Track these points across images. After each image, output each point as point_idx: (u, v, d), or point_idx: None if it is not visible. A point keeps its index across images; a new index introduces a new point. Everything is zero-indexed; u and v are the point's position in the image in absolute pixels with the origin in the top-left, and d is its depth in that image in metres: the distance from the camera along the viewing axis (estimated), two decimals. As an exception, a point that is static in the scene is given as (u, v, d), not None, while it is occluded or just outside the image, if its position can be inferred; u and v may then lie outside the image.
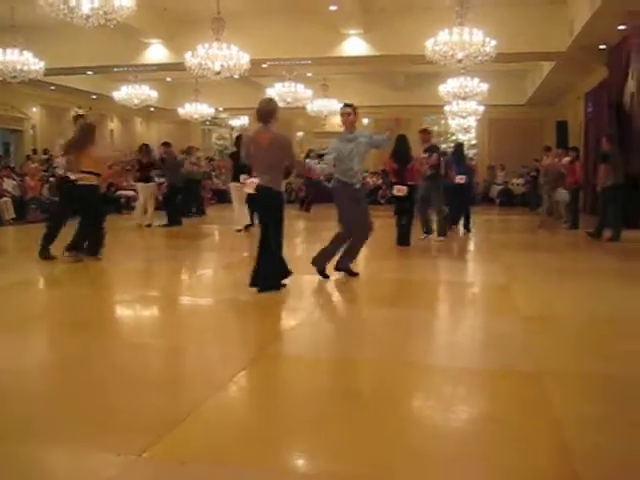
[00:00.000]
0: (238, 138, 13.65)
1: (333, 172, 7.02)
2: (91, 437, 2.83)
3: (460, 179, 11.69)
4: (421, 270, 8.09)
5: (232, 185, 12.53)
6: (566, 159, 13.26)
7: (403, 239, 9.87)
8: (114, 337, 4.80)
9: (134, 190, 18.73)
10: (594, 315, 5.50)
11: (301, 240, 11.76)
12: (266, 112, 6.17)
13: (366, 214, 7.03)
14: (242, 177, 11.41)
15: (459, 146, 13.13)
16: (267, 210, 6.28)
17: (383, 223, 15.60)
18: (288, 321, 5.44)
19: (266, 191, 6.14)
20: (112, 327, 5.24)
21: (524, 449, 2.77)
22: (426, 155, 10.52)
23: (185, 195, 15.06)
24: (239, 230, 12.19)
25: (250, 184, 7.36)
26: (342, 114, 6.96)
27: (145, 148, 13.59)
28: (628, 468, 2.63)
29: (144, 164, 13.34)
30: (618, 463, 2.66)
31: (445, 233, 10.82)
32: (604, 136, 12.06)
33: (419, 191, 10.35)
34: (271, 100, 6.66)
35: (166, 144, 14.32)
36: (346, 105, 6.98)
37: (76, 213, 8.37)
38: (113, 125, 24.67)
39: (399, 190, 9.71)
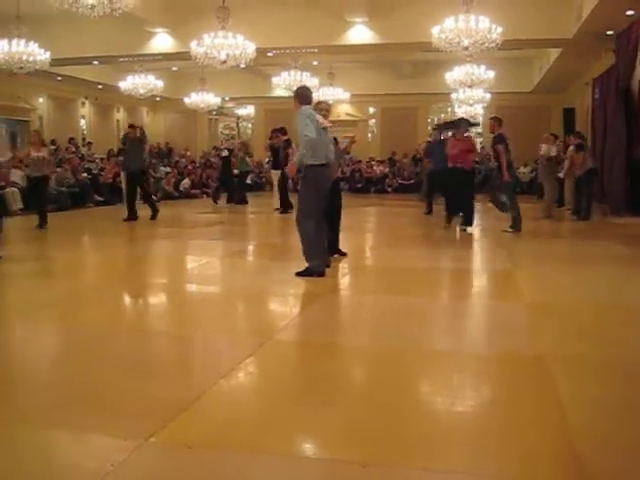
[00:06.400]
0: (274, 131, 14.65)
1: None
2: (98, 423, 2.86)
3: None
4: (428, 258, 8.10)
5: (272, 172, 14.80)
6: (571, 148, 13.16)
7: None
8: (121, 324, 4.85)
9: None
10: (597, 300, 5.52)
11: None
12: None
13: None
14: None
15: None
16: None
17: (392, 211, 15.60)
18: (297, 308, 5.47)
19: None
20: (120, 314, 5.29)
21: (528, 432, 2.79)
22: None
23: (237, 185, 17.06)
24: (277, 209, 14.03)
25: None
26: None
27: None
28: (631, 450, 2.65)
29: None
30: (621, 446, 2.68)
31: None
32: (574, 134, 13.84)
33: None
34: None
35: (131, 126, 13.25)
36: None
37: None
38: (119, 115, 24.69)
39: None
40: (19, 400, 3.15)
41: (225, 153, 17.75)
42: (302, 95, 6.65)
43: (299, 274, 6.33)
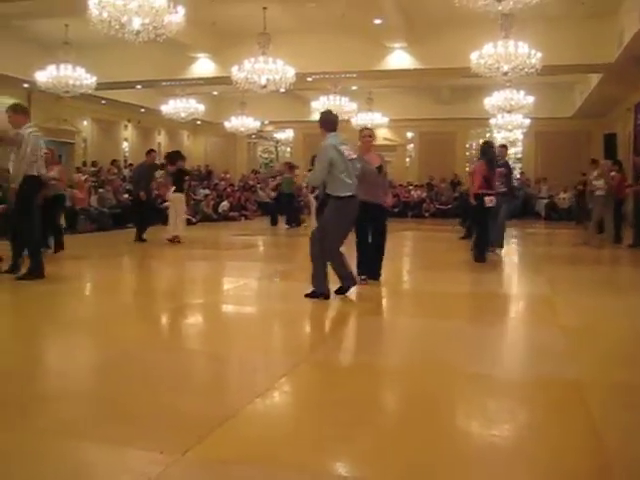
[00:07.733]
0: (315, 157, 14.25)
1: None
2: (134, 436, 2.91)
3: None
4: (466, 282, 8.06)
5: (310, 196, 14.51)
6: (612, 173, 12.92)
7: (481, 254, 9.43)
8: (159, 342, 4.93)
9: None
10: (634, 328, 5.43)
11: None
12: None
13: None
14: None
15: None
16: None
17: (429, 235, 15.54)
18: (332, 329, 5.49)
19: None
20: (158, 332, 5.38)
21: (563, 458, 2.76)
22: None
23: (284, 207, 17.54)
24: None
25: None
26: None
27: None
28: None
29: None
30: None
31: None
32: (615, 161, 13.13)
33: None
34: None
35: (152, 151, 13.75)
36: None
37: None
38: (160, 138, 25.13)
39: (490, 201, 9.27)
40: (57, 414, 3.21)
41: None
42: (326, 120, 6.32)
43: (307, 295, 6.27)
